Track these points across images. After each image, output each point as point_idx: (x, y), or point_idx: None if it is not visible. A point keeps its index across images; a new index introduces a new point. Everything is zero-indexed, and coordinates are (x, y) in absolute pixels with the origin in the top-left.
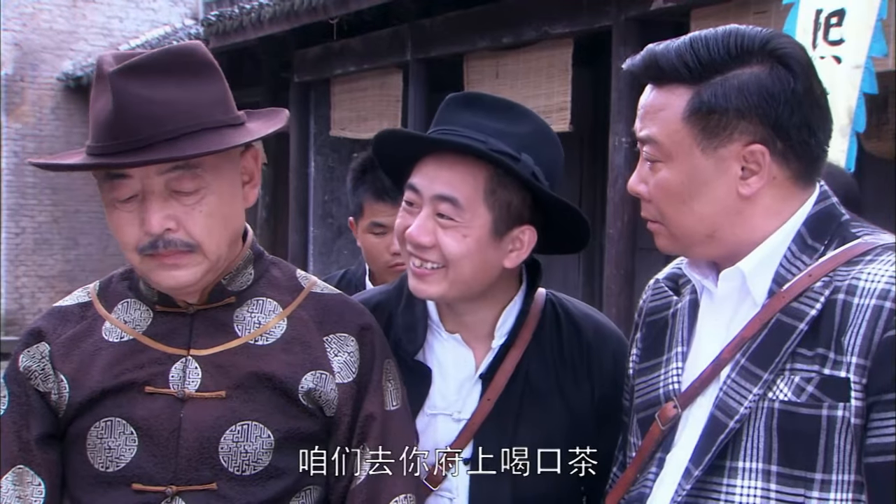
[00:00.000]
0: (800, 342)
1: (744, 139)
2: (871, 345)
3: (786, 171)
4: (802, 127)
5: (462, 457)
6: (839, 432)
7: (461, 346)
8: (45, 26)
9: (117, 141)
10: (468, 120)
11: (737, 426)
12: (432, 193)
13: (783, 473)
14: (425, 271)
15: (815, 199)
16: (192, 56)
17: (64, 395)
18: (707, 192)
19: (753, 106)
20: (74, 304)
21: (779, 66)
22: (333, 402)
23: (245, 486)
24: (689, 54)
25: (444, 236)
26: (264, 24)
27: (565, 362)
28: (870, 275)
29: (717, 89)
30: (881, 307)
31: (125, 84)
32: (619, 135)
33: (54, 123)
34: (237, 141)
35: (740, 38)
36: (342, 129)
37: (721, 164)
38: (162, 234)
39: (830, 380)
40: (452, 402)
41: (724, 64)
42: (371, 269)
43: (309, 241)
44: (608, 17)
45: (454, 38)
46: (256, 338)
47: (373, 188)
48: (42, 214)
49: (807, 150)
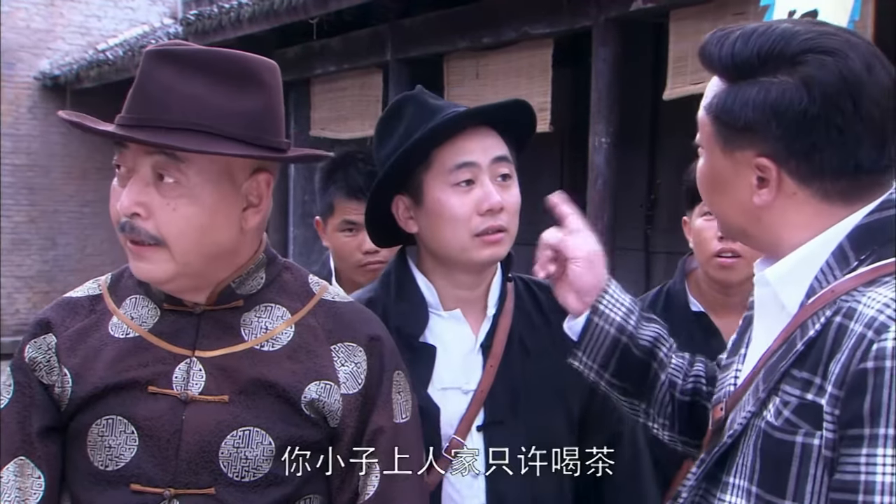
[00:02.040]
0: (793, 362)
1: (754, 150)
2: (846, 375)
3: (808, 190)
4: (816, 151)
5: (475, 424)
6: (814, 461)
7: (461, 322)
8: (22, 25)
9: (128, 114)
10: (443, 102)
11: (729, 441)
12: (491, 158)
13: (760, 496)
14: (500, 236)
15: (871, 209)
16: (240, 65)
17: (67, 390)
18: (728, 190)
19: (759, 120)
20: (85, 297)
21: (798, 85)
22: (337, 412)
23: (244, 492)
24: (727, 54)
25: (507, 195)
26: (244, 23)
27: (549, 322)
28: (869, 299)
29: (737, 95)
30: (864, 336)
31: (154, 66)
32: (599, 135)
33: (31, 123)
34: (221, 150)
35: (774, 44)
36: (322, 129)
37: (738, 167)
38: (131, 219)
39: (811, 406)
40: (459, 376)
41: (752, 68)
42: (339, 268)
43: (289, 240)
44: (588, 18)
45: (434, 39)
46: (262, 343)
47: (345, 186)
48: (19, 214)
49: (837, 176)
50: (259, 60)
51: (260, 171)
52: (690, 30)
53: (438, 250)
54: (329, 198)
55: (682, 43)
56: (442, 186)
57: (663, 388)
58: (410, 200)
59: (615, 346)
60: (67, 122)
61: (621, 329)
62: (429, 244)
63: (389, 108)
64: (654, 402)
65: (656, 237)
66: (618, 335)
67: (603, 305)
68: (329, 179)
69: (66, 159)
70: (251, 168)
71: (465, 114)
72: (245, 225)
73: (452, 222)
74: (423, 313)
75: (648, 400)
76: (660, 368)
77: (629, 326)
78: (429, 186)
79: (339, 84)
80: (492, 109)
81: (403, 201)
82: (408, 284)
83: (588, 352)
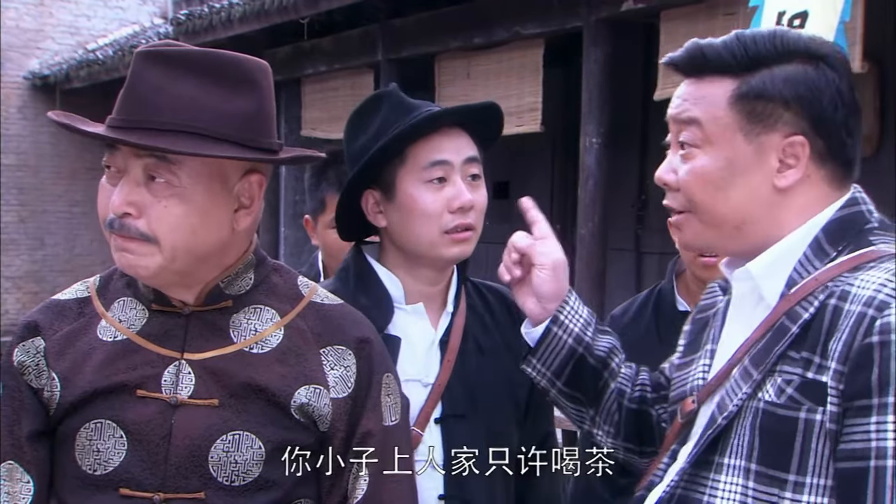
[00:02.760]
0: (790, 345)
1: (785, 130)
2: (850, 351)
3: (821, 171)
4: (842, 125)
5: (433, 417)
6: (817, 436)
7: (422, 316)
8: (12, 24)
9: (118, 116)
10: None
11: (724, 422)
12: (463, 158)
13: (760, 472)
14: (468, 234)
15: (840, 205)
16: (233, 66)
17: (55, 394)
18: (744, 180)
19: (799, 96)
20: (73, 299)
21: (824, 65)
22: (327, 416)
23: (234, 496)
24: (737, 46)
25: (476, 195)
26: (234, 23)
27: (499, 324)
28: (863, 281)
29: (765, 77)
30: (864, 314)
31: (145, 67)
32: (589, 135)
33: (21, 123)
34: (212, 152)
35: (786, 37)
36: (313, 129)
37: (761, 152)
38: (120, 216)
39: (812, 384)
40: (420, 369)
41: (770, 57)
42: (329, 265)
43: (280, 241)
44: (579, 18)
45: (425, 39)
46: (252, 345)
47: (337, 182)
48: (8, 214)
49: (843, 151)
50: (251, 61)
51: (252, 172)
52: (681, 30)
53: (407, 245)
54: (321, 194)
55: (672, 43)
56: (415, 182)
57: (612, 396)
58: (381, 195)
59: (571, 355)
60: (57, 123)
61: (578, 340)
62: (397, 239)
63: (363, 104)
64: (601, 410)
65: (647, 237)
66: (574, 345)
67: (563, 315)
68: (321, 176)
69: (55, 159)
70: (243, 169)
71: (443, 112)
72: (236, 226)
73: (423, 218)
74: (388, 306)
75: (596, 408)
76: (610, 378)
77: (586, 338)
78: (402, 182)
79: (330, 84)
80: (468, 110)
81: (374, 195)
82: (368, 278)
83: (543, 360)
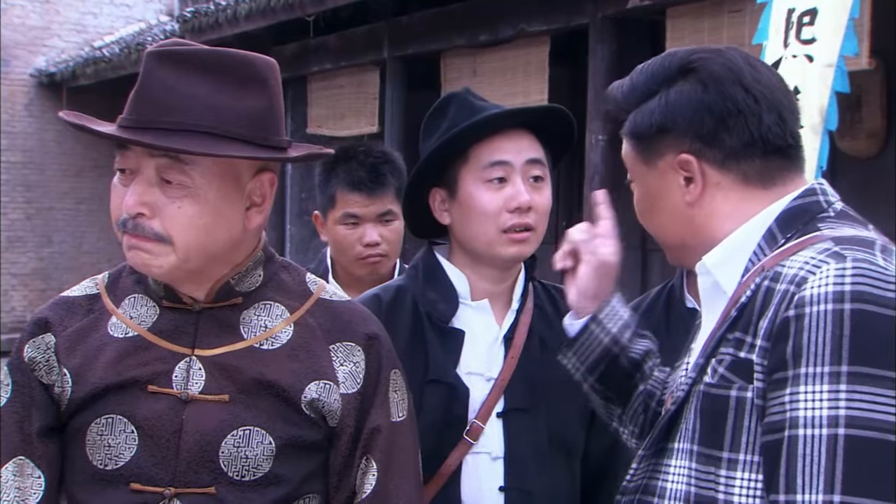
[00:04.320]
0: (728, 328)
1: (672, 151)
2: (773, 328)
3: (730, 174)
4: (724, 134)
5: (495, 411)
6: (749, 413)
7: (487, 312)
8: (18, 22)
9: (130, 116)
10: (480, 102)
11: (673, 408)
12: (524, 159)
13: (701, 452)
14: (527, 235)
15: (795, 196)
16: (244, 65)
17: (66, 390)
18: (662, 204)
19: (669, 120)
20: (82, 296)
21: (689, 83)
22: (337, 412)
23: (244, 491)
24: (620, 89)
25: (537, 196)
26: (240, 20)
27: None
28: (792, 261)
29: (643, 110)
30: (787, 290)
31: (155, 67)
32: (595, 133)
33: (27, 120)
34: (226, 152)
35: (661, 65)
36: (319, 126)
37: (664, 176)
38: (134, 217)
39: (742, 362)
40: (483, 363)
41: (650, 91)
42: (338, 262)
43: (286, 238)
44: (585, 15)
45: (431, 36)
46: (262, 342)
47: (347, 178)
48: (15, 212)
49: (750, 154)
50: (260, 59)
51: (264, 170)
52: (687, 27)
53: (467, 243)
54: (331, 190)
55: (678, 41)
56: (475, 181)
57: (640, 397)
58: (446, 193)
59: (605, 354)
60: (69, 123)
61: (615, 341)
62: (459, 236)
63: (435, 106)
64: (628, 410)
65: None
66: (610, 345)
67: (603, 314)
68: (331, 172)
69: (61, 157)
70: (255, 168)
71: (502, 113)
72: (248, 224)
73: (482, 216)
74: (454, 300)
75: (624, 407)
76: (641, 380)
77: (623, 339)
78: (463, 180)
79: (336, 81)
80: (529, 112)
81: (440, 193)
82: (436, 274)
83: (579, 354)
